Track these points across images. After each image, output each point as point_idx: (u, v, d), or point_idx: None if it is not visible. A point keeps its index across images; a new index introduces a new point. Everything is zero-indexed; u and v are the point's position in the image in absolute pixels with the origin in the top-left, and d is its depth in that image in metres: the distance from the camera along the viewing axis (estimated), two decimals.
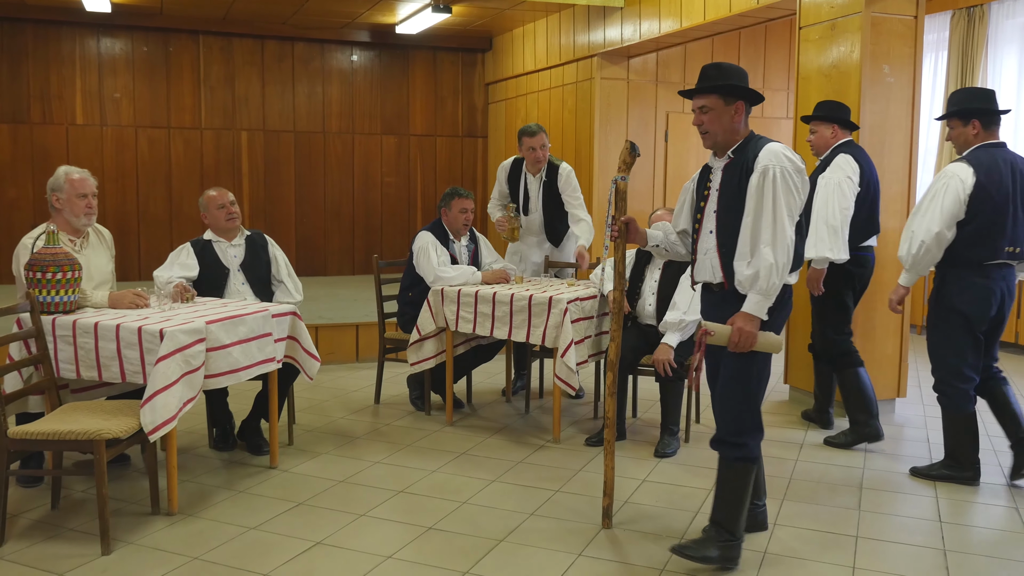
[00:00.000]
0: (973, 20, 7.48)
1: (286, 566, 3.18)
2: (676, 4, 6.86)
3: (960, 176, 3.87)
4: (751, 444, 3.16)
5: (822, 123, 4.66)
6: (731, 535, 3.16)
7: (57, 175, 4.08)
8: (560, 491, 3.98)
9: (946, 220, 3.87)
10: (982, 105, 3.98)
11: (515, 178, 5.63)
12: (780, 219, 3.00)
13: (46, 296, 3.70)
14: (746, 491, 3.17)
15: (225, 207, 4.51)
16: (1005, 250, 3.91)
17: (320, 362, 4.38)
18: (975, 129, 3.98)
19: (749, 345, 3.07)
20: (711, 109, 3.15)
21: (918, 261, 3.96)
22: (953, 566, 3.24)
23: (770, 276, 3.00)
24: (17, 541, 3.38)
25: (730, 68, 3.19)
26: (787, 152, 3.06)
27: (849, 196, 4.42)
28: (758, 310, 3.05)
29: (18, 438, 3.30)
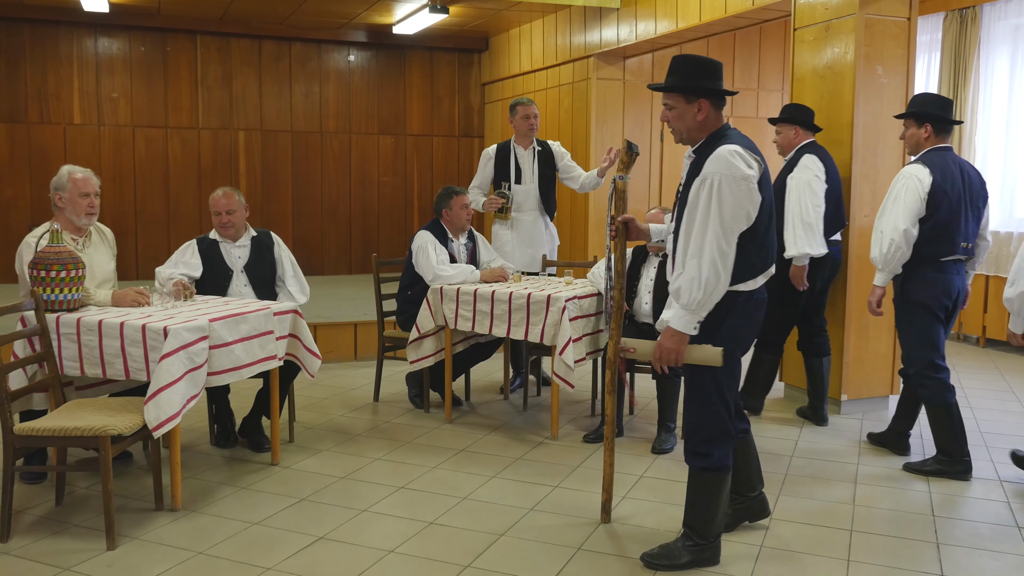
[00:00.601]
0: (965, 22, 7.55)
1: (290, 560, 3.23)
2: (672, 5, 6.91)
3: (918, 176, 4.10)
4: (717, 453, 3.11)
5: (786, 125, 4.96)
6: (703, 539, 3.17)
7: (60, 174, 4.11)
8: (559, 487, 4.03)
9: (911, 218, 4.08)
10: (938, 112, 4.21)
11: (504, 158, 5.77)
12: (712, 231, 2.90)
13: (50, 294, 3.74)
14: (717, 497, 3.15)
15: (220, 215, 4.52)
16: (960, 245, 4.16)
17: (321, 359, 4.43)
18: (927, 132, 4.22)
19: (673, 360, 3.02)
20: (674, 107, 3.10)
21: (890, 259, 4.15)
22: (946, 559, 3.30)
23: (691, 291, 2.92)
24: (23, 536, 3.42)
25: (698, 64, 3.10)
26: (734, 159, 2.92)
27: (819, 194, 4.69)
28: (682, 325, 2.97)
29: (24, 434, 3.34)
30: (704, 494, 3.16)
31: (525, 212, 5.83)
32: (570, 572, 3.16)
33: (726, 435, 3.13)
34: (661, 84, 3.13)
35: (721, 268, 2.91)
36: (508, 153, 5.77)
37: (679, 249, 3.00)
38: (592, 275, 5.00)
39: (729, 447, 3.16)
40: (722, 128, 3.10)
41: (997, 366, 6.75)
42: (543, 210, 5.86)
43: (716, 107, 3.08)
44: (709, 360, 3.01)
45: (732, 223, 2.92)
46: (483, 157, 5.93)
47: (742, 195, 2.92)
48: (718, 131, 3.08)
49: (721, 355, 3.00)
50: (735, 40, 8.58)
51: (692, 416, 3.15)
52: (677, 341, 2.99)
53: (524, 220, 5.84)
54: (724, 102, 3.13)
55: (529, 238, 5.84)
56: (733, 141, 3.00)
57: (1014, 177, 7.37)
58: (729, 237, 2.92)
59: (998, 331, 7.36)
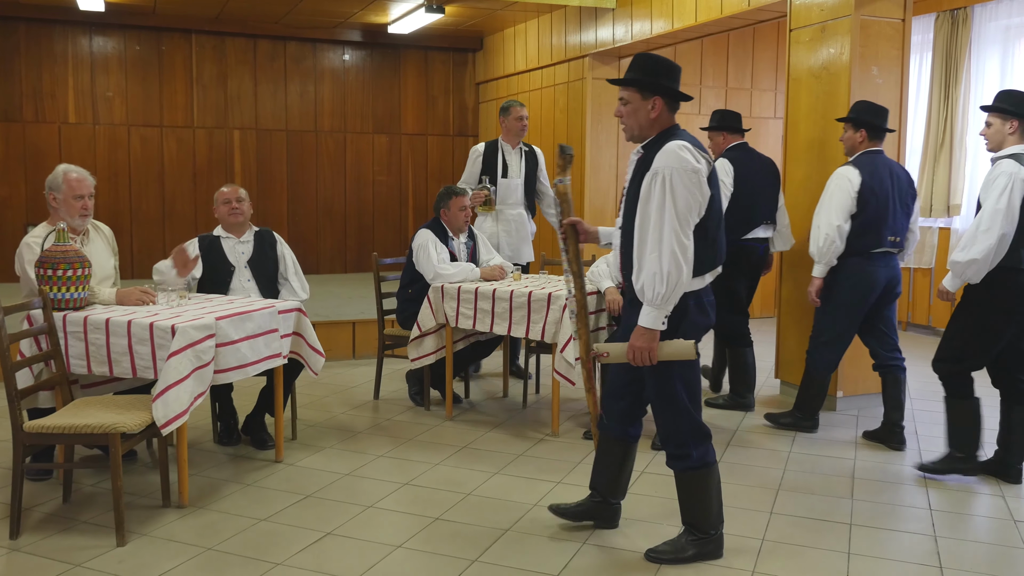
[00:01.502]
0: (957, 22, 7.63)
1: (299, 556, 3.26)
2: (668, 6, 6.97)
3: (848, 177, 4.55)
4: (695, 453, 3.15)
5: (716, 132, 5.38)
6: (704, 533, 3.22)
7: (56, 174, 4.10)
8: (561, 482, 4.08)
9: (843, 214, 4.53)
10: (874, 120, 4.64)
11: (491, 155, 6.03)
12: (669, 225, 2.93)
13: (57, 293, 3.76)
14: (707, 493, 3.19)
15: (230, 202, 4.61)
16: (888, 239, 4.59)
17: (325, 358, 4.46)
18: (861, 137, 4.65)
19: (647, 359, 3.03)
20: (629, 102, 3.14)
21: (825, 252, 4.58)
22: (944, 552, 3.37)
23: (654, 286, 2.94)
24: (32, 533, 3.44)
25: (658, 63, 3.15)
26: (684, 153, 2.98)
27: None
28: (651, 322, 2.98)
29: (34, 432, 3.37)
30: (694, 492, 3.21)
31: (511, 206, 6.07)
32: (576, 566, 3.21)
33: (700, 433, 3.17)
34: (624, 78, 3.18)
35: (682, 260, 2.95)
36: (496, 150, 6.05)
37: (636, 245, 3.03)
38: (592, 273, 5.04)
39: (706, 444, 3.19)
40: (672, 128, 3.15)
41: None
42: (527, 206, 6.13)
43: (670, 107, 3.14)
44: (682, 354, 3.03)
45: (687, 215, 2.97)
46: (471, 154, 6.15)
47: (694, 187, 2.97)
48: (668, 130, 3.14)
49: (693, 347, 3.03)
50: (729, 40, 8.64)
51: (664, 422, 3.19)
52: (648, 339, 3.00)
53: (510, 214, 6.09)
54: (678, 105, 3.17)
55: (515, 231, 6.09)
56: (681, 138, 3.06)
57: None
58: (686, 229, 2.97)
59: None
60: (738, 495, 3.94)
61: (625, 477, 3.49)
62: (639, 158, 3.15)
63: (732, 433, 4.91)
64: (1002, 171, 3.94)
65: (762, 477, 4.19)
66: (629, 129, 3.19)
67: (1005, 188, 3.88)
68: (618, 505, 3.55)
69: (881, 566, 3.24)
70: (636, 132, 3.17)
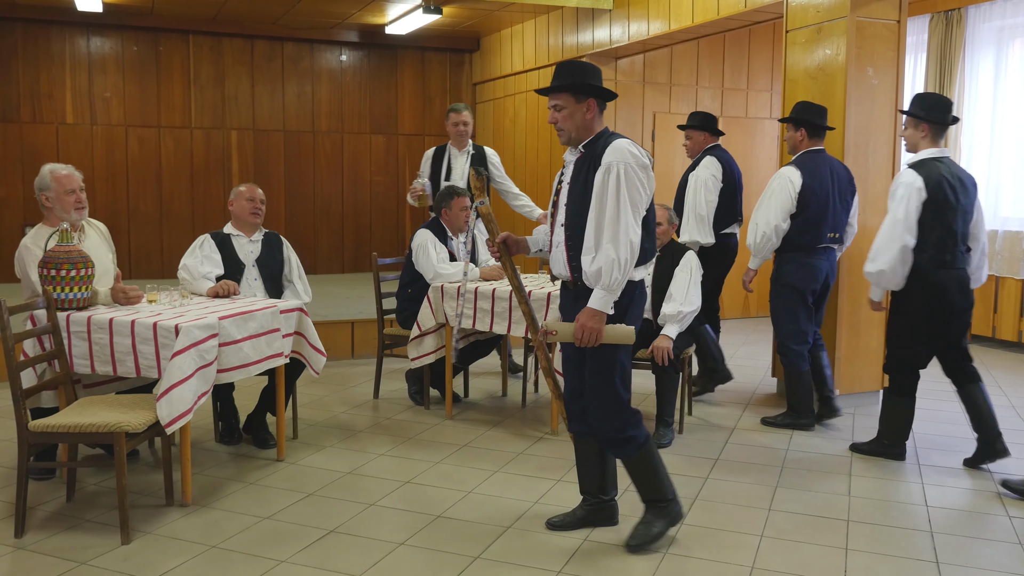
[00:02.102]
0: (951, 23, 7.69)
1: (303, 553, 3.29)
2: (664, 7, 7.01)
3: (790, 178, 4.80)
4: (635, 434, 3.29)
5: (696, 131, 5.58)
6: (664, 499, 3.35)
7: (42, 174, 4.11)
8: (561, 480, 4.11)
9: (781, 214, 4.80)
10: (812, 119, 4.88)
11: (439, 160, 6.16)
12: (624, 215, 3.08)
13: (60, 293, 3.78)
14: (654, 465, 3.34)
15: (254, 201, 4.71)
16: (828, 235, 4.87)
17: (326, 357, 4.49)
18: (801, 136, 4.91)
19: (595, 339, 3.15)
20: (564, 107, 3.23)
21: (760, 248, 4.90)
22: (940, 546, 3.41)
23: (612, 271, 3.07)
24: (37, 532, 3.46)
25: (584, 67, 3.25)
26: (633, 149, 3.14)
27: (713, 191, 5.35)
28: (602, 305, 3.12)
29: (39, 431, 3.39)
30: (647, 470, 3.34)
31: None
32: (577, 562, 3.25)
33: (635, 415, 3.32)
34: (551, 86, 3.26)
35: (636, 250, 3.12)
36: (443, 153, 6.16)
37: (592, 234, 3.14)
38: None
39: (641, 422, 3.34)
40: (607, 129, 3.29)
41: (983, 361, 6.88)
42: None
43: (601, 108, 3.27)
44: (624, 338, 3.19)
45: (639, 207, 3.13)
46: (424, 156, 6.30)
47: (645, 181, 3.15)
48: (604, 131, 3.27)
49: (633, 333, 3.20)
50: (725, 41, 8.68)
51: (607, 408, 3.27)
52: (598, 320, 3.13)
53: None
54: (605, 106, 3.29)
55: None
56: (623, 137, 3.21)
57: (999, 176, 7.52)
58: (638, 219, 3.13)
59: (983, 327, 7.51)
60: (737, 493, 3.98)
61: (610, 471, 3.54)
62: (579, 157, 3.26)
63: (730, 431, 4.95)
64: (901, 182, 4.15)
65: (760, 474, 4.23)
66: (566, 133, 3.26)
67: (903, 199, 4.10)
68: (613, 502, 3.58)
69: (879, 561, 3.28)
70: (573, 135, 3.26)
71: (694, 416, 5.24)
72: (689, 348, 4.86)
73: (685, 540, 3.45)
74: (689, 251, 4.81)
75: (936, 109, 4.19)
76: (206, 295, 4.37)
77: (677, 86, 8.61)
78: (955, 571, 3.21)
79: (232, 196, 4.73)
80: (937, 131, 4.21)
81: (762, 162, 8.77)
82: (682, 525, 3.56)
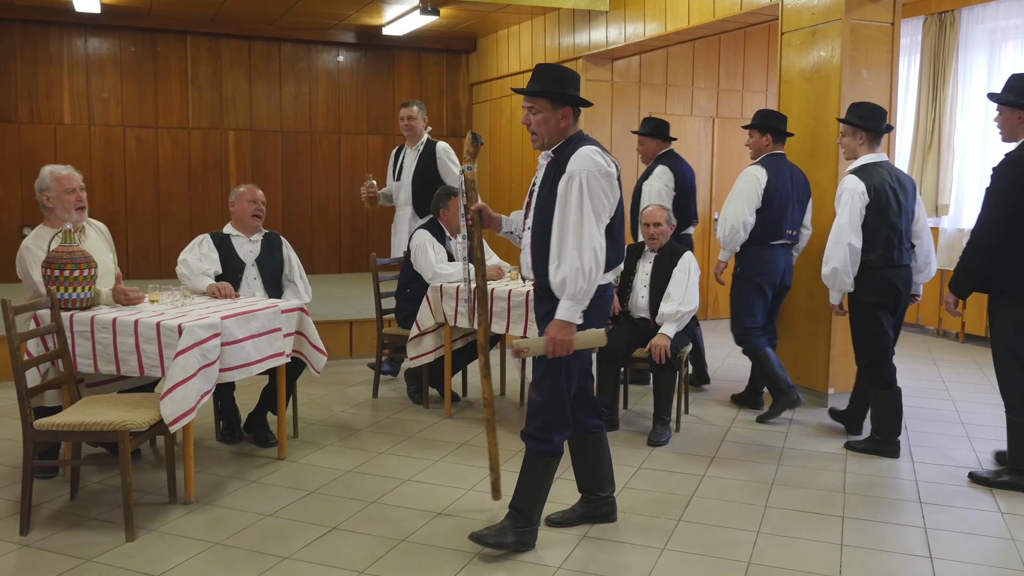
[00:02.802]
0: (944, 25, 7.75)
1: (306, 550, 3.33)
2: (661, 8, 7.06)
3: (757, 176, 5.07)
4: (556, 440, 3.27)
5: (649, 138, 5.79)
6: (527, 521, 3.32)
7: (42, 175, 4.15)
8: (559, 478, 4.13)
9: (749, 209, 5.05)
10: (778, 125, 5.20)
11: (396, 159, 6.26)
12: (588, 224, 3.07)
13: (64, 293, 3.82)
14: (545, 483, 3.32)
15: (256, 202, 4.75)
16: (786, 232, 5.13)
17: (327, 356, 4.53)
18: (767, 141, 5.19)
19: (567, 350, 3.13)
20: (540, 112, 3.23)
21: (729, 241, 5.14)
22: (933, 541, 3.47)
23: (577, 281, 3.06)
24: (41, 530, 3.50)
25: (564, 73, 3.24)
26: (597, 157, 3.13)
27: (667, 200, 5.57)
28: (570, 316, 3.10)
29: (44, 430, 3.42)
30: (536, 477, 3.32)
31: (400, 207, 6.26)
32: (577, 556, 3.29)
33: (565, 423, 3.29)
34: (533, 89, 3.23)
35: (601, 258, 3.11)
36: (399, 152, 6.25)
37: (555, 242, 3.13)
38: None
39: (566, 434, 3.33)
40: (579, 133, 3.29)
41: (976, 360, 6.95)
42: (415, 207, 6.13)
43: (576, 115, 3.28)
44: (596, 342, 3.19)
45: (601, 215, 3.14)
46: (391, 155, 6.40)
47: (607, 189, 3.14)
48: (575, 135, 3.27)
49: (604, 335, 3.21)
50: (720, 43, 8.74)
51: (541, 400, 3.25)
52: (567, 331, 3.12)
53: (399, 214, 6.30)
54: (580, 111, 3.29)
55: (398, 230, 6.29)
56: (591, 143, 3.21)
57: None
58: (601, 228, 3.13)
59: (976, 327, 7.58)
60: (733, 490, 4.03)
61: (606, 467, 3.56)
62: (550, 162, 3.27)
63: (726, 430, 5.00)
64: (845, 188, 4.46)
65: (755, 471, 4.28)
66: (539, 138, 3.27)
67: (847, 204, 4.41)
68: (611, 498, 3.62)
69: (873, 556, 3.33)
70: (546, 140, 3.27)
71: (690, 414, 5.29)
72: (686, 347, 4.91)
73: (683, 536, 3.50)
74: (687, 252, 4.86)
75: (873, 118, 4.49)
76: (206, 291, 4.40)
77: (673, 87, 8.66)
78: (948, 566, 3.26)
79: (233, 197, 4.76)
80: (873, 138, 4.51)
81: None
82: (680, 521, 3.62)
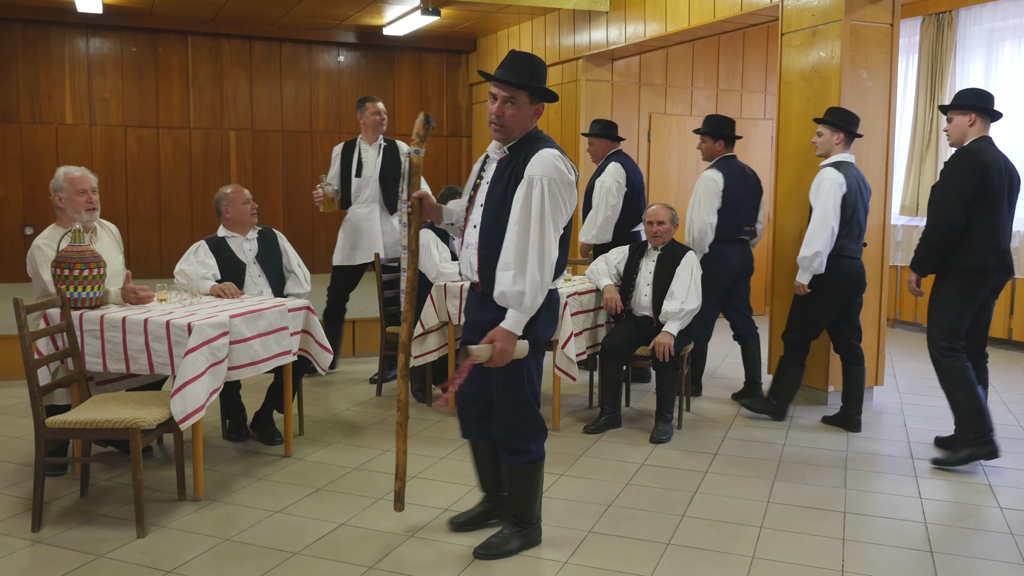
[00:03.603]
0: (942, 26, 7.81)
1: (316, 545, 3.37)
2: (661, 9, 7.10)
3: (715, 179, 5.43)
4: (534, 447, 3.24)
5: (598, 139, 6.02)
6: (528, 522, 3.33)
7: (57, 176, 4.19)
8: (564, 475, 4.20)
9: (712, 210, 5.40)
10: (728, 131, 5.55)
11: (348, 155, 6.03)
12: (547, 236, 2.98)
13: (73, 292, 3.86)
14: (537, 484, 3.31)
15: (249, 203, 4.78)
16: (744, 228, 5.50)
17: (332, 355, 4.56)
18: (720, 146, 5.53)
19: (505, 361, 3.04)
20: (516, 104, 3.07)
21: (700, 242, 5.43)
22: (934, 536, 3.52)
23: (535, 295, 2.98)
24: (53, 527, 3.53)
25: (540, 67, 3.12)
26: (559, 163, 3.01)
27: (617, 196, 5.82)
28: (518, 327, 3.01)
29: (56, 427, 3.46)
30: (526, 485, 3.29)
31: (362, 205, 6.03)
32: (582, 553, 3.34)
33: (540, 428, 3.27)
34: (513, 80, 3.07)
35: (553, 269, 3.05)
36: (353, 148, 6.03)
37: (513, 249, 2.99)
38: (591, 272, 5.17)
39: (543, 438, 3.29)
40: (536, 131, 3.18)
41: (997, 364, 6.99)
42: (383, 204, 6.04)
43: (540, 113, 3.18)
44: (521, 352, 3.09)
45: (559, 226, 3.05)
46: (333, 153, 6.17)
47: (568, 199, 3.06)
48: (533, 132, 3.16)
49: (527, 346, 3.10)
50: (719, 43, 8.78)
51: (511, 419, 3.21)
52: (513, 342, 3.03)
53: (359, 213, 6.03)
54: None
55: (357, 231, 6.01)
56: (550, 145, 3.09)
57: None
58: (558, 239, 3.06)
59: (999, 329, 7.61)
60: (735, 486, 4.08)
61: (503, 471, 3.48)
62: (503, 158, 3.15)
63: (727, 427, 5.05)
64: (825, 178, 4.78)
65: (757, 468, 4.33)
66: (508, 131, 3.10)
67: (828, 192, 4.72)
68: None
69: (875, 551, 3.38)
70: (514, 133, 3.11)
71: (692, 412, 5.34)
72: (688, 345, 4.95)
73: (687, 531, 3.54)
74: (690, 251, 4.91)
75: (853, 122, 4.91)
76: (210, 293, 4.44)
77: (672, 87, 8.70)
78: (949, 560, 3.31)
79: (224, 203, 4.73)
80: (848, 140, 4.87)
81: (756, 162, 8.86)
82: (684, 517, 3.67)
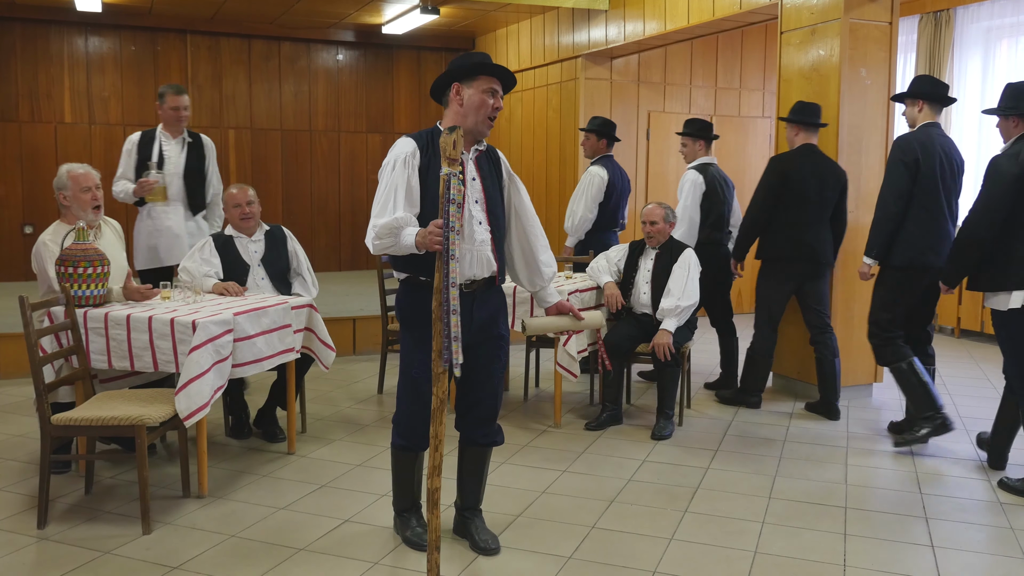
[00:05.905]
0: (940, 24, 7.84)
1: (320, 541, 3.39)
2: (660, 7, 7.12)
3: (600, 175, 5.98)
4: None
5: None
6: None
7: (60, 174, 4.21)
8: (567, 471, 4.22)
9: (593, 204, 5.98)
10: (611, 132, 6.03)
11: (147, 147, 5.43)
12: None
13: (77, 290, 3.87)
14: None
15: (240, 207, 4.70)
16: (621, 221, 6.16)
17: (335, 352, 4.58)
18: (603, 144, 6.06)
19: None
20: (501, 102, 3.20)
21: (577, 230, 6.01)
22: (935, 531, 3.54)
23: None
24: (59, 523, 3.55)
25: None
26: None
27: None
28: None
29: (62, 424, 3.48)
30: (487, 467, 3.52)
31: (171, 201, 5.50)
32: (586, 548, 3.36)
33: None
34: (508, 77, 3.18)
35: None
36: (152, 140, 5.43)
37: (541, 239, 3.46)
38: (591, 269, 5.19)
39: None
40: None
41: (972, 355, 7.05)
42: (187, 204, 5.53)
43: None
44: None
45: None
46: (126, 145, 5.54)
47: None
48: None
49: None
50: (718, 41, 8.81)
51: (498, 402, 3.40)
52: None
53: (162, 210, 5.51)
54: None
55: (158, 231, 5.53)
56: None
57: None
58: None
59: (971, 322, 7.67)
60: (737, 481, 4.10)
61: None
62: (480, 155, 3.21)
63: (728, 423, 5.07)
64: (687, 179, 5.51)
65: (759, 464, 4.35)
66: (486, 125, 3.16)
67: (689, 192, 5.46)
68: None
69: (877, 546, 3.41)
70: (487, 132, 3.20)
71: (692, 408, 5.36)
72: (689, 342, 4.98)
73: (689, 526, 3.57)
74: (687, 248, 4.93)
75: (707, 130, 5.61)
76: (212, 291, 4.45)
77: (671, 85, 8.73)
78: (950, 554, 3.34)
79: (222, 204, 4.78)
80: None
81: (754, 160, 8.90)
82: (687, 512, 3.69)
